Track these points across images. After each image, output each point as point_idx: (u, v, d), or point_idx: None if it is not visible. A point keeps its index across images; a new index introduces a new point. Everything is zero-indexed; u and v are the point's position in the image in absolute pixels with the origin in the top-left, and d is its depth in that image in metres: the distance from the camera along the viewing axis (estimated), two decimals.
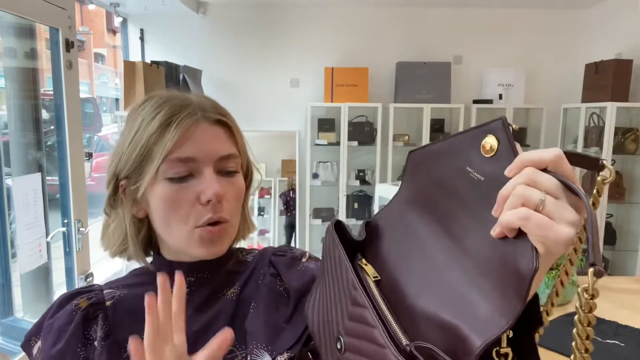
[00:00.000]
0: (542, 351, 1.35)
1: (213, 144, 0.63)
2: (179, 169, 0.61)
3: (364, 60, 4.11)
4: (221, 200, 0.62)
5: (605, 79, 3.46)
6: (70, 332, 0.62)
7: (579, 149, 3.66)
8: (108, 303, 0.65)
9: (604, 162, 0.42)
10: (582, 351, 0.41)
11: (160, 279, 0.53)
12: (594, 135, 3.55)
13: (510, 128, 0.41)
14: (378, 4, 4.08)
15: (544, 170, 0.38)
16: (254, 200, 4.17)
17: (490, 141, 0.42)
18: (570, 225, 0.37)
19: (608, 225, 3.55)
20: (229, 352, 0.62)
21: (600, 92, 3.50)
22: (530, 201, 0.37)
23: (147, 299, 0.52)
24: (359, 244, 0.54)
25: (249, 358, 0.62)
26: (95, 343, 0.62)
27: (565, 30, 4.17)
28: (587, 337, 0.41)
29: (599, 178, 0.43)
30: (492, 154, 0.41)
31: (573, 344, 0.41)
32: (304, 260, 0.73)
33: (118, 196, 0.66)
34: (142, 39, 4.11)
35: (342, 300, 0.48)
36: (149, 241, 0.70)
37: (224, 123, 0.66)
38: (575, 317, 0.41)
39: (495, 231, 0.39)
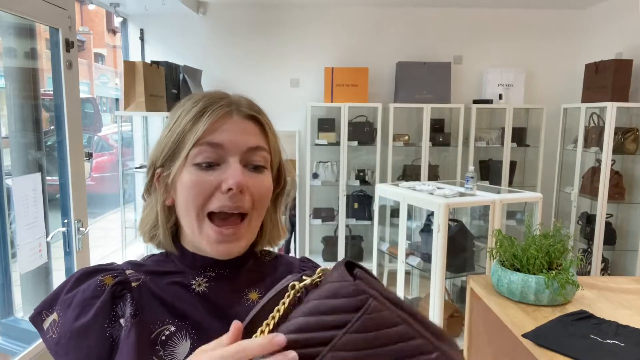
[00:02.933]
0: (542, 351, 1.35)
1: (243, 135, 0.65)
2: (208, 154, 0.63)
3: (364, 60, 4.11)
4: (243, 192, 0.63)
5: (605, 79, 3.46)
6: (99, 307, 0.62)
7: (579, 149, 3.66)
8: (134, 284, 0.66)
9: None
10: None
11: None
12: (594, 135, 3.54)
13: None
14: (378, 4, 4.08)
15: None
16: None
17: None
18: None
19: (608, 225, 3.55)
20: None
21: (600, 92, 3.50)
22: None
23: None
24: None
25: None
26: (122, 320, 0.62)
27: (565, 30, 4.17)
28: None
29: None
30: None
31: None
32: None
33: (153, 183, 0.69)
34: (142, 39, 4.11)
35: None
36: (177, 230, 0.71)
37: (257, 119, 0.68)
38: None
39: None
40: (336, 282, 0.45)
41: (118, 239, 3.57)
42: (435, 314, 2.56)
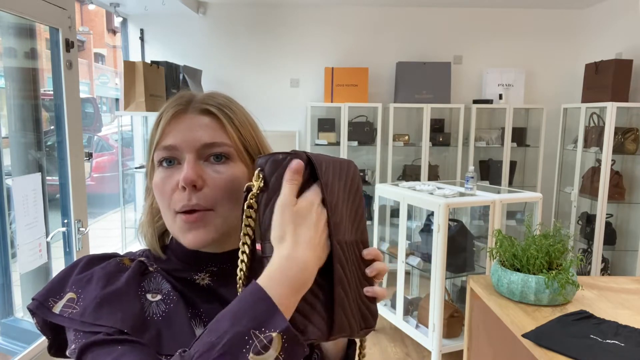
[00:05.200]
0: (542, 351, 1.35)
1: (195, 132, 0.64)
2: (165, 155, 0.65)
3: (364, 60, 4.11)
4: (199, 187, 0.62)
5: (605, 79, 3.46)
6: (130, 275, 0.62)
7: (579, 149, 3.66)
8: (150, 269, 0.67)
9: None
10: None
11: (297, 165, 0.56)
12: (594, 135, 3.55)
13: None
14: (378, 3, 4.08)
15: None
16: None
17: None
18: None
19: (608, 225, 3.55)
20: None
21: (600, 92, 3.50)
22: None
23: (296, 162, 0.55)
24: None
25: None
26: (149, 296, 0.62)
27: (565, 30, 4.17)
28: None
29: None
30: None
31: None
32: None
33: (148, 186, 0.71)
34: (142, 39, 4.11)
35: None
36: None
37: (213, 113, 0.66)
38: None
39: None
40: (279, 167, 0.54)
41: (118, 239, 3.57)
42: (435, 314, 2.56)
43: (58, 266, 1.99)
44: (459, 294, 3.03)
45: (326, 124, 4.09)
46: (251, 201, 0.54)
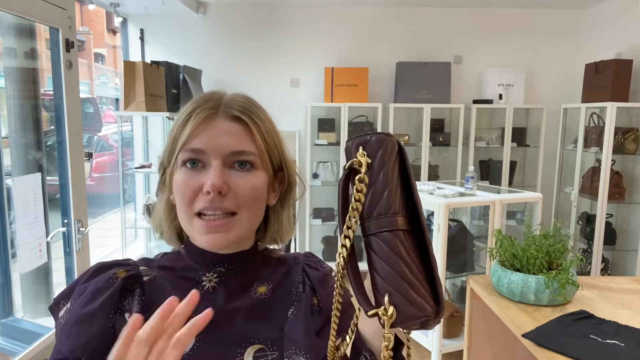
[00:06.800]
0: (542, 351, 1.35)
1: (225, 138, 0.65)
2: (191, 157, 0.65)
3: (364, 60, 4.11)
4: (224, 194, 0.64)
5: (605, 79, 3.46)
6: (107, 297, 0.63)
7: (579, 149, 3.66)
8: (145, 278, 0.68)
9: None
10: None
11: (193, 296, 0.53)
12: (594, 135, 3.55)
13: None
14: (378, 4, 4.08)
15: None
16: None
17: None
18: None
19: (608, 225, 3.55)
20: (259, 349, 0.64)
21: (600, 92, 3.50)
22: None
23: (170, 300, 0.52)
24: None
25: None
26: (126, 315, 0.64)
27: (565, 30, 4.17)
28: None
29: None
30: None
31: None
32: (332, 274, 0.76)
33: (162, 181, 0.72)
34: (142, 39, 4.11)
35: None
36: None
37: (243, 120, 0.67)
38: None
39: None
40: (382, 145, 0.55)
41: (118, 239, 3.57)
42: None
43: (58, 266, 1.99)
44: (459, 294, 3.03)
45: (326, 124, 4.09)
46: (363, 176, 0.52)
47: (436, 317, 0.50)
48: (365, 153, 0.53)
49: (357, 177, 0.52)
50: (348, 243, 0.52)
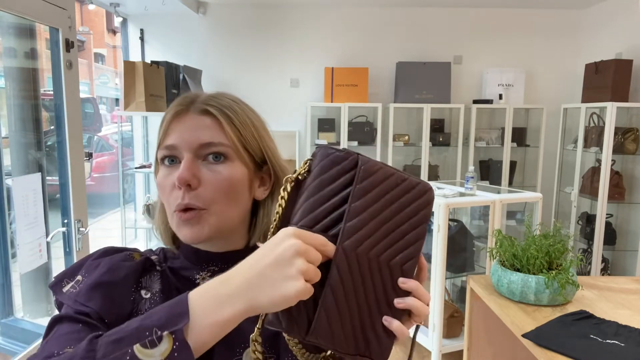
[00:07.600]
0: (542, 351, 1.35)
1: (194, 132, 0.65)
2: (166, 154, 0.67)
3: (364, 60, 4.11)
4: (195, 187, 0.64)
5: (605, 79, 3.46)
6: (130, 270, 0.65)
7: (579, 149, 3.66)
8: (158, 268, 0.70)
9: None
10: None
11: None
12: (594, 135, 3.55)
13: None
14: (378, 4, 4.08)
15: None
16: None
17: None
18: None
19: (608, 225, 3.55)
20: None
21: (600, 92, 3.50)
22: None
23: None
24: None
25: None
26: (143, 292, 0.65)
27: (565, 30, 4.17)
28: None
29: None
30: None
31: None
32: None
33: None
34: (142, 39, 4.11)
35: None
36: None
37: (212, 113, 0.67)
38: None
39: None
40: (325, 159, 0.53)
41: (118, 239, 3.57)
42: (435, 314, 2.56)
43: (58, 266, 1.99)
44: (459, 294, 3.03)
45: (326, 124, 4.09)
46: (287, 184, 0.54)
47: (305, 338, 0.51)
48: (308, 164, 0.55)
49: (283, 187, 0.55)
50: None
